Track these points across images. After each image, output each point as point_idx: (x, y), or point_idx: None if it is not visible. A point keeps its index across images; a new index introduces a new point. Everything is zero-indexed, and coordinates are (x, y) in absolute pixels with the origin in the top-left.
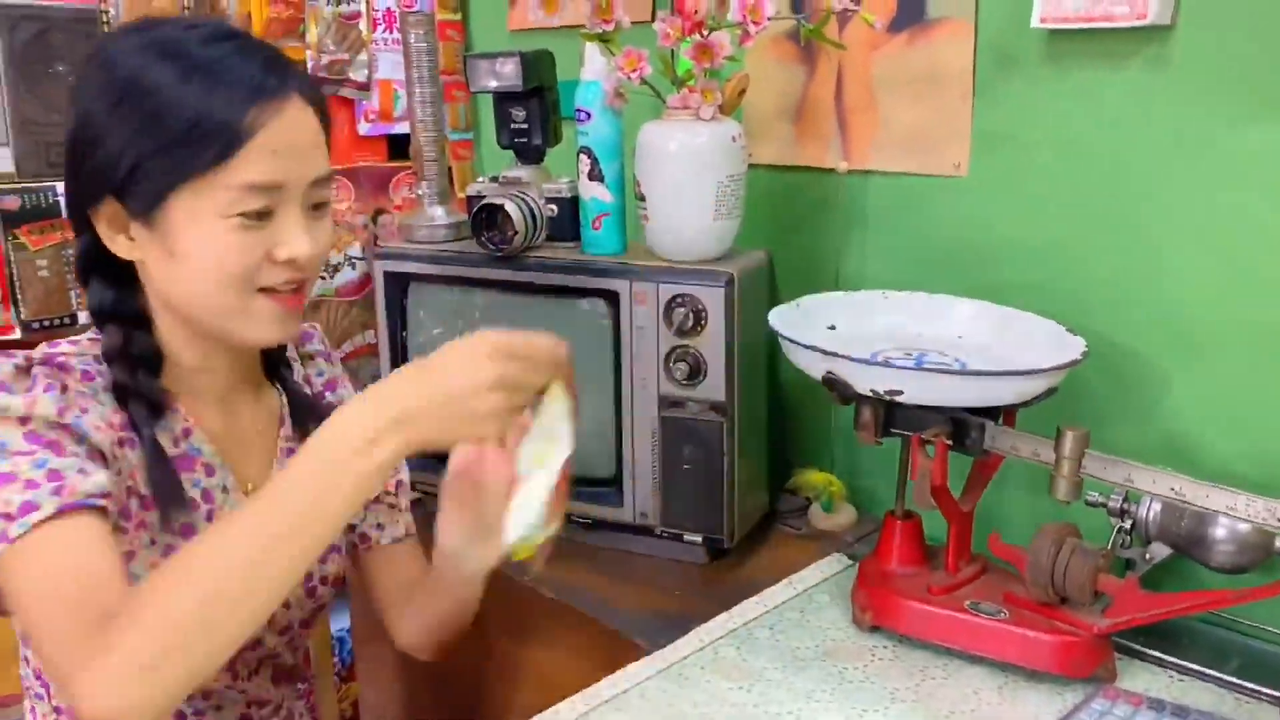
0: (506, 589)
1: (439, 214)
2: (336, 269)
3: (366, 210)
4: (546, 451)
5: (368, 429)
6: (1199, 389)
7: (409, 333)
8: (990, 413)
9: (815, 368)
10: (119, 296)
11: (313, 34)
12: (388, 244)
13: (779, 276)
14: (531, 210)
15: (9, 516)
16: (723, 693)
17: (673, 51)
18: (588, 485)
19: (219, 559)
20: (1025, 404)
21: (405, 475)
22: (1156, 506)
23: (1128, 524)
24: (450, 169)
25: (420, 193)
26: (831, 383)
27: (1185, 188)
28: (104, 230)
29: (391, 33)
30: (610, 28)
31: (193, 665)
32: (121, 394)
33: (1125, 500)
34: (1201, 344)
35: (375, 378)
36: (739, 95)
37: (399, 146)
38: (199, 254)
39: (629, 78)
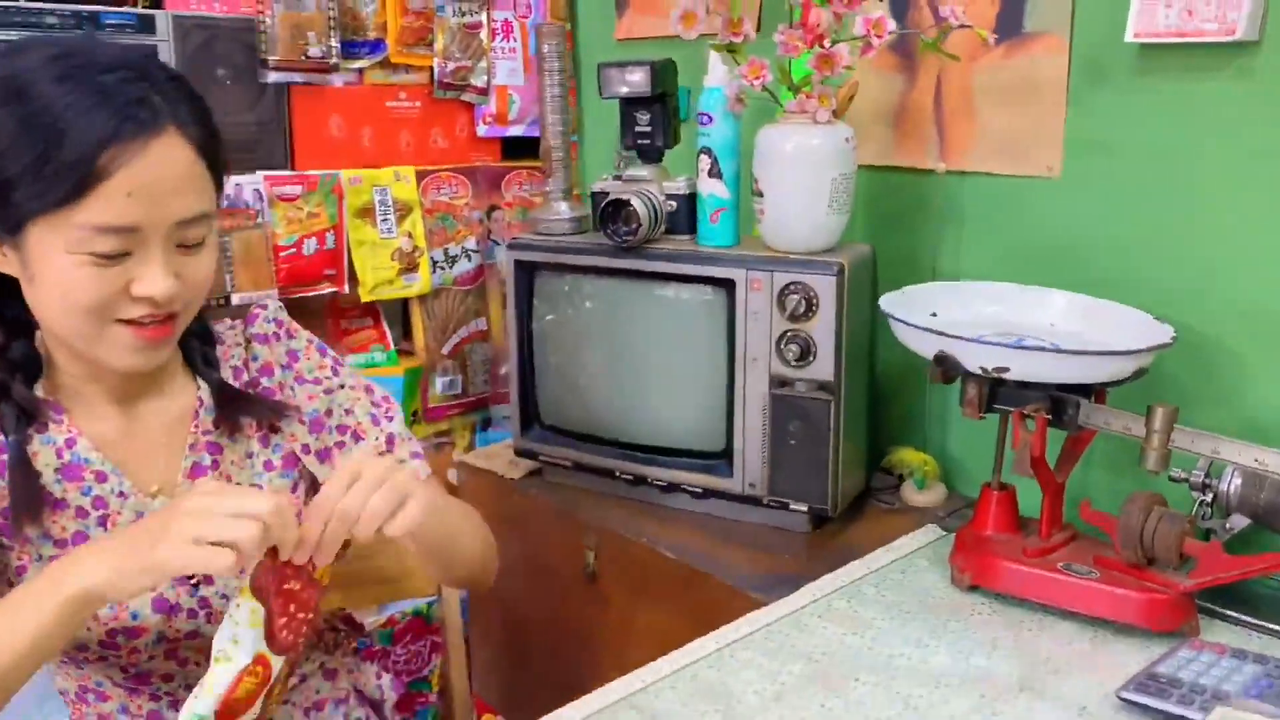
0: (623, 549)
1: (564, 208)
2: (454, 260)
3: (481, 206)
4: (230, 652)
5: (72, 568)
6: (1278, 377)
7: (535, 316)
8: (1084, 392)
9: (927, 347)
10: (0, 303)
11: (440, 43)
12: (520, 236)
13: (879, 268)
14: (653, 205)
15: None
16: (839, 637)
17: (790, 60)
18: (699, 457)
19: None
20: (1115, 384)
21: (399, 429)
22: (1237, 480)
23: (1209, 497)
24: None
25: (547, 189)
26: (943, 360)
27: (1266, 191)
28: None
29: (508, 41)
30: (740, 39)
31: None
32: None
33: (1207, 475)
34: None
35: (486, 362)
36: (849, 101)
37: (511, 147)
38: (51, 284)
39: (752, 84)
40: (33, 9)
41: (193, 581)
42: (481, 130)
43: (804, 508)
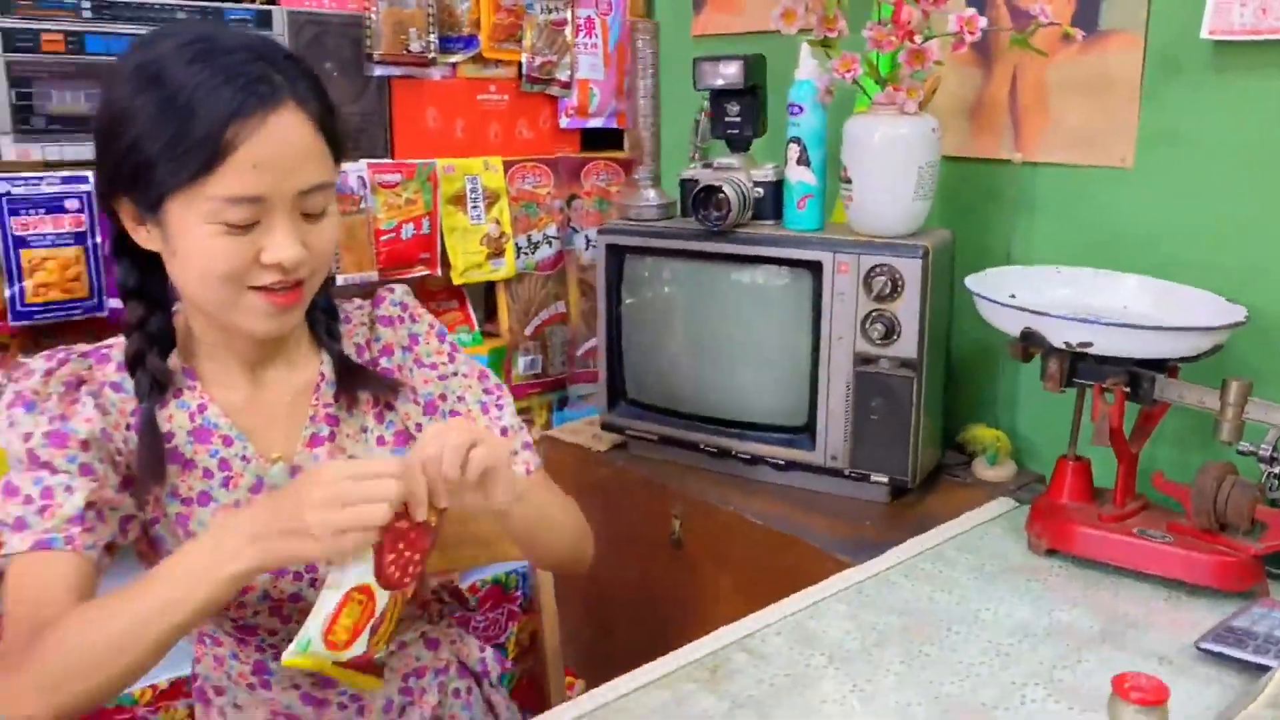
0: (709, 517)
1: (652, 195)
2: (537, 246)
3: (562, 195)
4: (338, 580)
5: (225, 546)
6: None
7: (623, 298)
8: (1158, 368)
9: (1013, 324)
10: (142, 279)
11: (528, 39)
12: (610, 221)
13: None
14: (743, 192)
15: (13, 526)
16: (927, 594)
17: (878, 54)
18: (782, 431)
19: (105, 623)
20: (1187, 360)
21: (511, 421)
22: None
23: (1278, 469)
24: (633, 159)
25: (637, 177)
26: (1029, 336)
27: None
28: (128, 221)
29: (590, 37)
30: (835, 35)
31: (82, 695)
32: (132, 366)
33: (1275, 449)
34: None
35: (564, 343)
36: (932, 93)
37: (591, 139)
38: (191, 255)
39: (843, 77)
40: (164, 4)
41: None
42: (564, 122)
43: (884, 479)
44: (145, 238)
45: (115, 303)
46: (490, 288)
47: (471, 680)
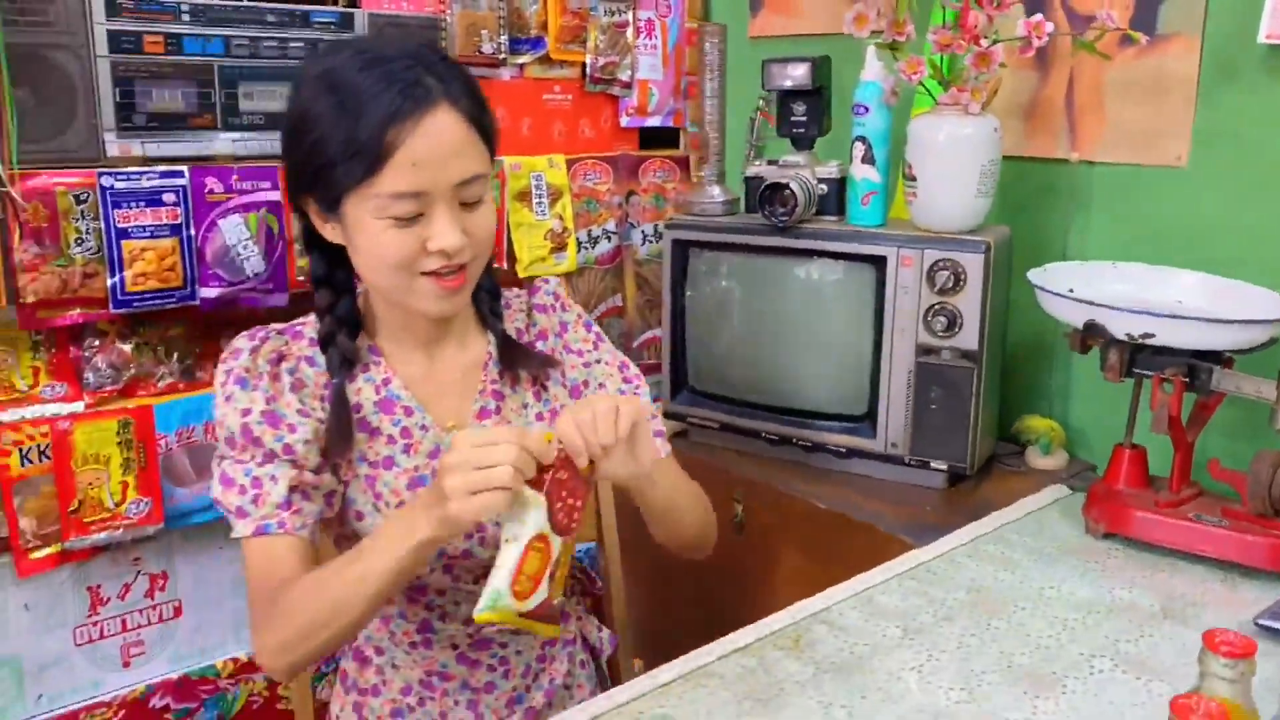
0: (771, 499)
1: (716, 192)
2: (596, 241)
3: (621, 192)
4: (517, 533)
5: (411, 520)
6: None
7: (687, 290)
8: (1214, 360)
9: (1076, 316)
10: (330, 268)
11: (592, 40)
12: (675, 217)
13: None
14: (808, 188)
15: (236, 514)
16: (992, 573)
17: (942, 57)
18: (843, 420)
19: (322, 591)
20: (1243, 352)
21: (646, 401)
22: None
23: None
24: (688, 157)
25: (702, 174)
26: (1092, 327)
27: None
28: (314, 219)
29: (650, 39)
30: (903, 38)
31: (312, 650)
32: (324, 344)
33: None
34: None
35: (621, 335)
36: (993, 94)
37: (649, 138)
38: (367, 249)
39: (909, 79)
40: (254, 7)
41: None
42: (624, 121)
43: (943, 466)
44: (330, 233)
45: (207, 292)
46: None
47: (589, 654)
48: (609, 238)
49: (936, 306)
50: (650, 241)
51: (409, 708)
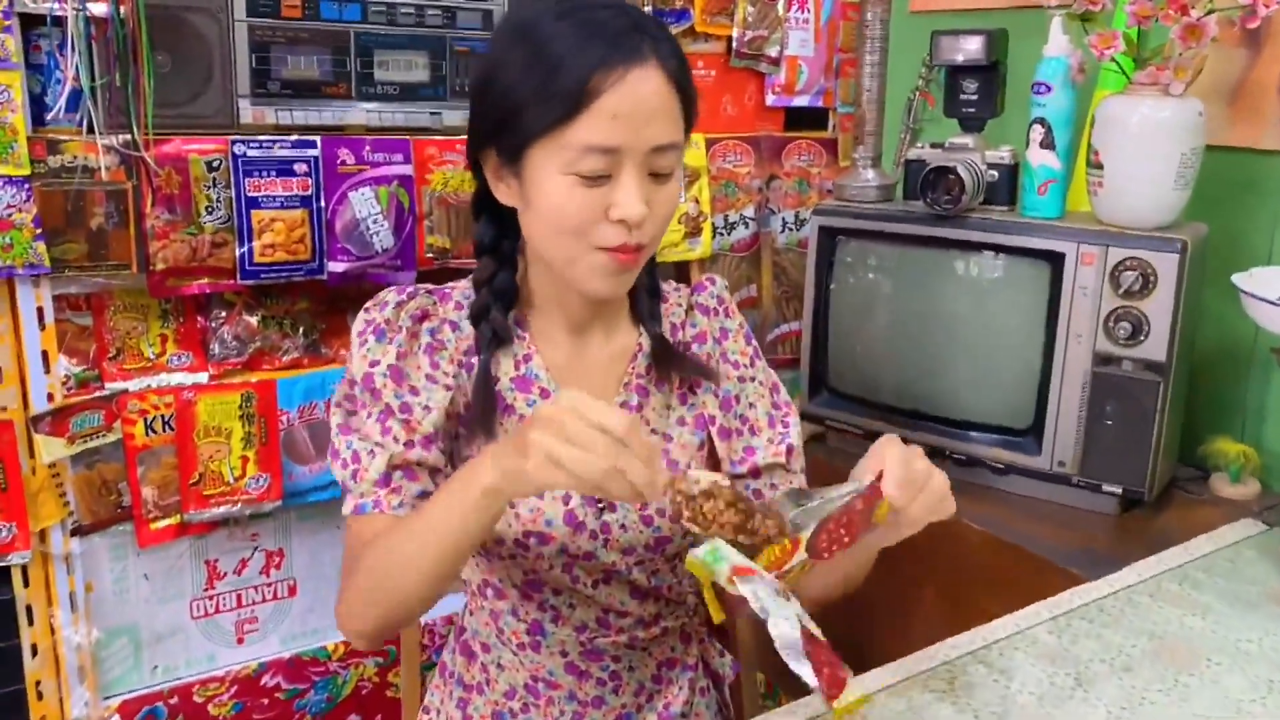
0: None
1: (871, 176)
2: (733, 227)
3: (762, 175)
4: (779, 606)
5: (475, 467)
6: None
7: (833, 283)
8: None
9: None
10: (497, 236)
11: (740, 13)
12: (826, 203)
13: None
14: (976, 174)
15: (343, 489)
16: (1178, 618)
17: (1138, 30)
18: (1003, 433)
19: (392, 548)
20: None
21: (796, 441)
22: None
23: None
24: (836, 140)
25: (856, 156)
26: None
27: None
28: (490, 176)
29: (802, 12)
30: (1096, 8)
31: (385, 615)
32: (476, 318)
33: None
34: None
35: (755, 327)
36: (1198, 73)
37: (795, 118)
38: (545, 206)
39: (1100, 55)
40: None
41: (599, 505)
42: (770, 99)
43: (1117, 489)
44: (505, 192)
45: (335, 266)
46: (683, 268)
47: (711, 681)
48: (747, 224)
49: (1120, 311)
50: (791, 229)
51: (511, 712)
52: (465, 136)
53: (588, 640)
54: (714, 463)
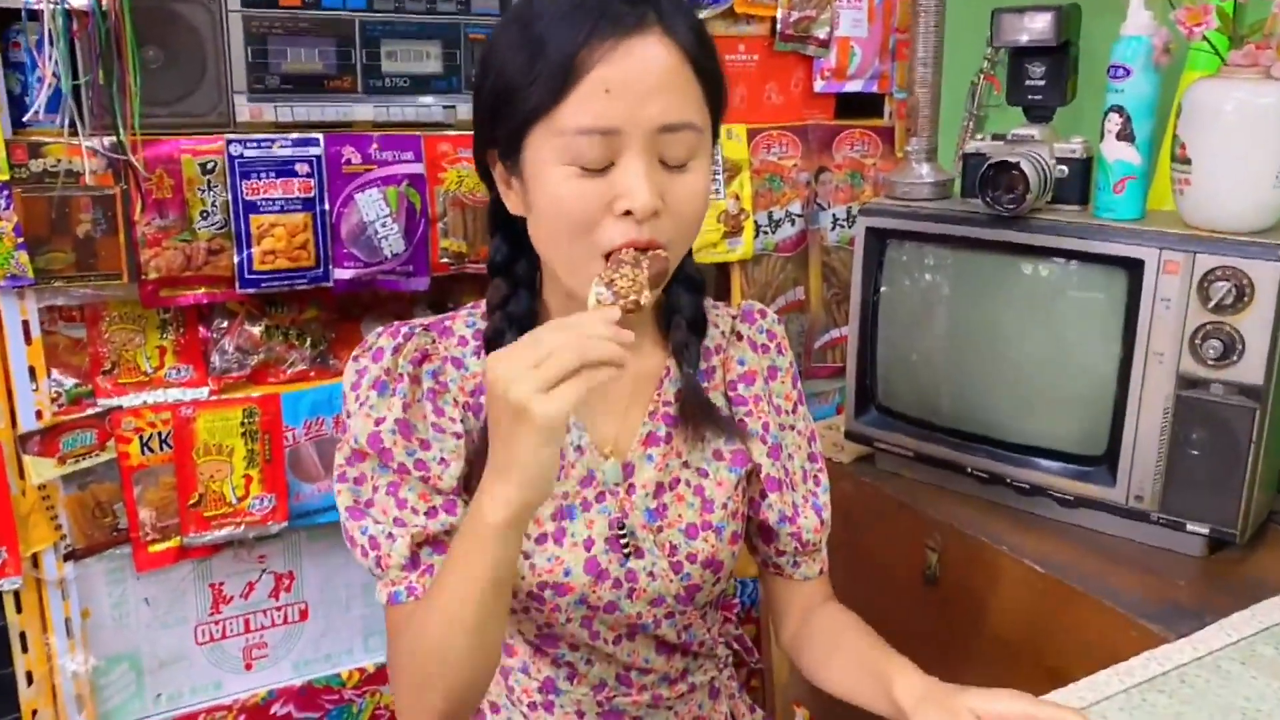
0: (973, 551)
1: (925, 171)
2: (778, 224)
3: (810, 168)
4: None
5: (483, 501)
6: None
7: (883, 288)
8: None
9: None
10: (511, 255)
11: None
12: (874, 201)
13: None
14: (1043, 170)
15: (370, 573)
16: (1274, 691)
17: (1234, 3)
18: (1072, 460)
19: (427, 620)
20: None
21: (826, 515)
22: None
23: None
24: (894, 129)
25: (909, 149)
26: None
27: None
28: (498, 183)
29: None
30: None
31: (446, 696)
32: (490, 345)
33: None
34: None
35: (802, 333)
36: None
37: (847, 106)
38: (544, 203)
39: (1189, 33)
40: None
41: (625, 549)
42: (818, 85)
43: (1203, 529)
44: (514, 200)
45: (341, 273)
46: (723, 269)
47: None
48: (793, 221)
49: (1210, 327)
50: (842, 226)
51: None
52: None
53: (606, 700)
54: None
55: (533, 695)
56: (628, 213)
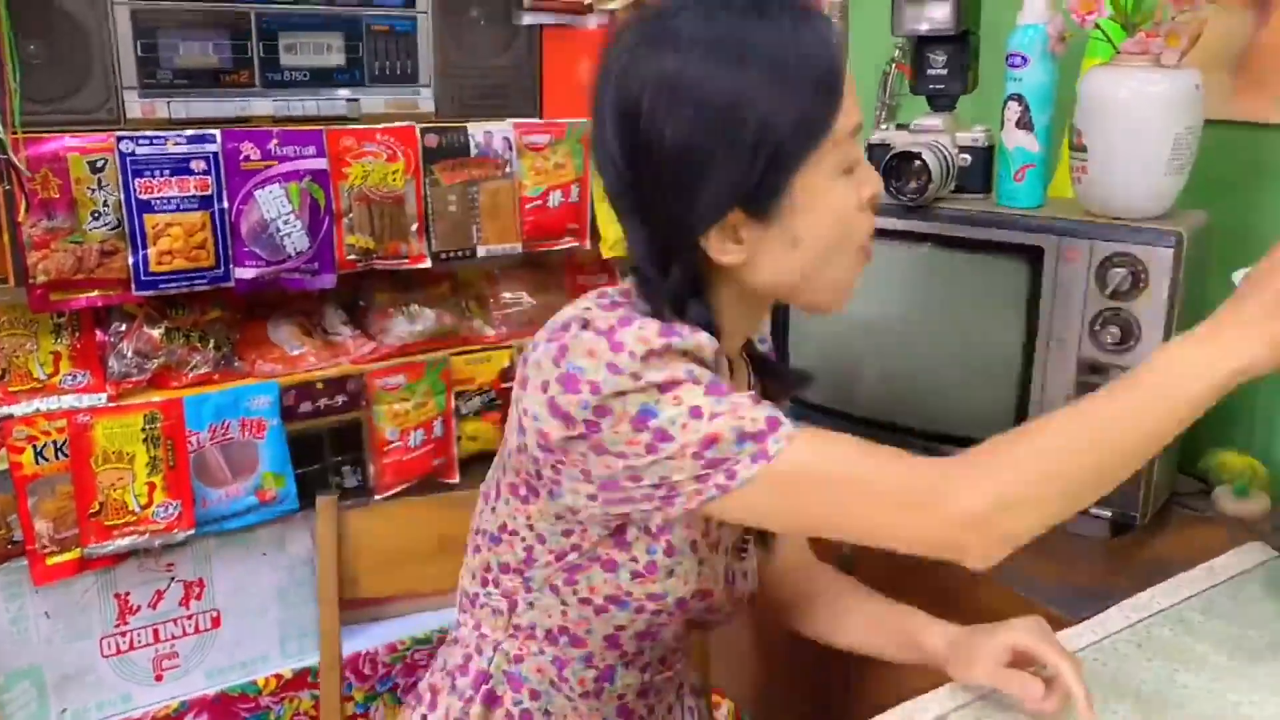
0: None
1: None
2: None
3: None
4: None
5: (1223, 338)
6: None
7: None
8: None
9: None
10: (697, 304)
11: None
12: None
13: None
14: (946, 160)
15: (758, 436)
16: (1168, 673)
17: None
18: None
19: (1068, 426)
20: None
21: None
22: None
23: None
24: None
25: None
26: None
27: None
28: (714, 246)
29: None
30: None
31: (1042, 508)
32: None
33: None
34: None
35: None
36: (1194, 41)
37: None
38: (831, 220)
39: (1082, 21)
40: None
41: (741, 554)
42: None
43: (1105, 513)
44: (735, 251)
45: (242, 272)
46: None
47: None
48: None
49: (1108, 313)
50: None
51: None
52: (639, 235)
53: (648, 680)
54: None
55: (587, 684)
56: (872, 196)
